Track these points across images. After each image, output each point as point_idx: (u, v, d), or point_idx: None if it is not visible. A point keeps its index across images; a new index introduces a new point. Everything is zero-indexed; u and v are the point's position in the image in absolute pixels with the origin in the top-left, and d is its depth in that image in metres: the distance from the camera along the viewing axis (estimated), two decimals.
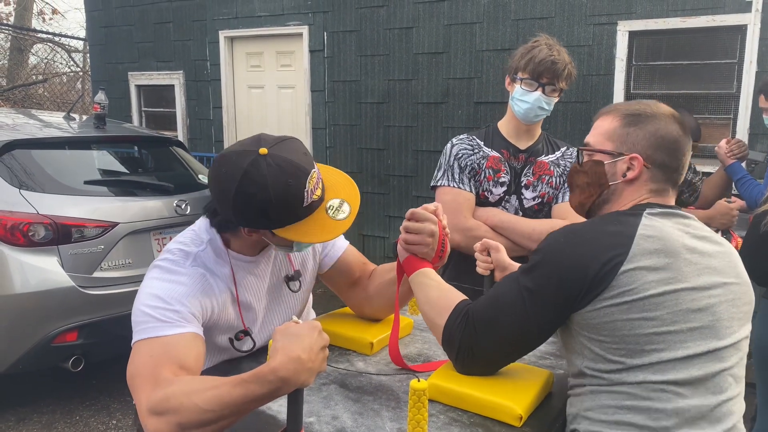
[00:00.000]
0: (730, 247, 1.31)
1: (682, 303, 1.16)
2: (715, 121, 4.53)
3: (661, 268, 1.16)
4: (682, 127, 1.31)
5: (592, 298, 1.15)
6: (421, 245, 1.46)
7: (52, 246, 3.34)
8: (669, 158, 1.28)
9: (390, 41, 5.65)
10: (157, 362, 1.22)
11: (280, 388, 1.07)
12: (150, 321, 1.29)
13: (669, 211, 1.27)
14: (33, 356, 3.31)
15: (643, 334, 1.15)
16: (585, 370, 1.21)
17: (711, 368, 1.17)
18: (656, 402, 1.14)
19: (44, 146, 3.75)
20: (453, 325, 1.29)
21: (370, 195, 5.94)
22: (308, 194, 1.32)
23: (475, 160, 2.14)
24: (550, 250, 1.22)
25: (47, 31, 12.52)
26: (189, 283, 1.37)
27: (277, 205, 1.29)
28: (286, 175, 1.29)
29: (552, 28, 4.87)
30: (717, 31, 4.40)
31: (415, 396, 1.14)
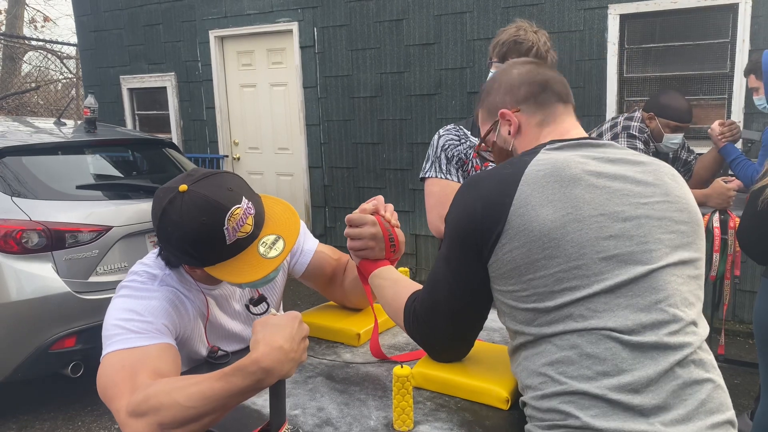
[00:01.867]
0: (659, 164, 1.19)
1: (588, 232, 1.04)
2: (710, 102, 4.51)
3: (557, 200, 1.06)
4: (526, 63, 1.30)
5: (492, 246, 1.08)
6: (366, 249, 1.44)
7: (46, 252, 3.32)
8: (527, 89, 1.24)
9: (380, 34, 5.62)
10: (133, 370, 1.18)
11: (262, 380, 1.05)
12: (123, 333, 1.25)
13: (572, 142, 1.18)
14: (32, 364, 3.30)
15: (550, 274, 1.04)
16: (510, 326, 1.13)
17: (641, 302, 1.04)
18: (585, 347, 1.02)
19: (35, 152, 3.73)
20: (409, 326, 1.27)
21: (367, 190, 5.93)
22: (230, 232, 1.25)
23: (462, 150, 2.13)
24: (450, 211, 1.17)
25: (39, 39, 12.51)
26: (161, 298, 1.34)
27: (195, 245, 1.26)
28: (201, 212, 1.24)
29: (542, 15, 4.84)
30: (709, 11, 4.37)
31: (399, 383, 1.13)
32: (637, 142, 2.88)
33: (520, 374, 1.12)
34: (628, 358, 1.01)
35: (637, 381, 1.00)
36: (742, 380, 3.64)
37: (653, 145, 2.99)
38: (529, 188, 1.07)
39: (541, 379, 1.06)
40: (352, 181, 6.03)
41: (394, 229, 1.46)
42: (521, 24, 2.09)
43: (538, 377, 1.07)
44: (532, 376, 1.08)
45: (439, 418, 1.19)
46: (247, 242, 1.29)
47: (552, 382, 1.05)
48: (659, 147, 3.00)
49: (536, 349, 1.08)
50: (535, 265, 1.05)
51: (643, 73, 4.68)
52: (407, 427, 1.14)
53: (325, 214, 6.27)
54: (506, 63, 1.36)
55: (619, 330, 1.02)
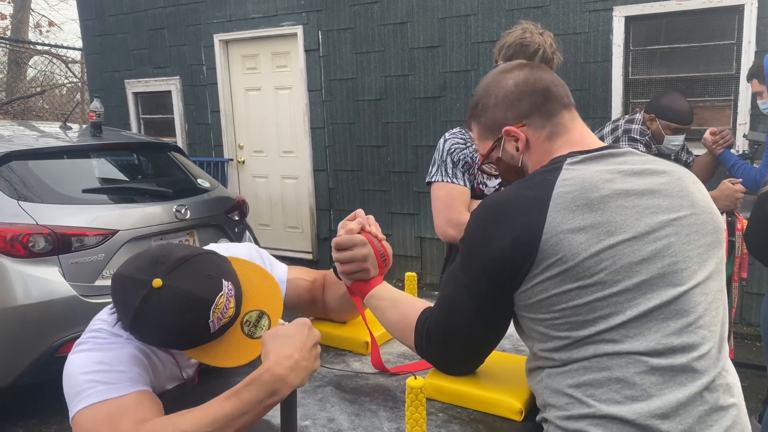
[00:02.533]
0: (681, 171, 1.17)
1: (621, 258, 1.03)
2: (716, 104, 4.49)
3: (589, 226, 1.03)
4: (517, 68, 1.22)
5: (522, 277, 1.05)
6: (360, 272, 1.37)
7: (52, 256, 3.32)
8: (529, 100, 1.18)
9: (385, 37, 5.61)
10: (113, 420, 1.08)
11: (277, 390, 1.03)
12: (94, 385, 1.13)
13: (594, 154, 1.13)
14: (38, 367, 3.30)
15: (583, 303, 1.02)
16: (537, 352, 1.11)
17: (673, 325, 1.03)
18: (615, 370, 1.01)
19: (41, 156, 3.73)
20: (421, 347, 1.25)
21: (371, 192, 5.92)
22: (215, 323, 1.18)
23: (468, 153, 2.11)
24: (469, 237, 1.14)
25: (44, 43, 12.54)
26: (129, 350, 1.22)
27: (178, 339, 1.19)
28: (183, 310, 1.15)
29: (547, 17, 4.83)
30: (714, 13, 4.35)
31: (413, 394, 1.12)
32: (638, 145, 2.87)
33: (542, 392, 1.10)
34: (657, 382, 1.01)
35: (665, 406, 1.00)
36: (750, 383, 3.62)
37: (655, 147, 2.98)
38: (559, 216, 1.04)
39: (566, 399, 1.05)
40: (357, 183, 6.02)
41: (382, 244, 1.42)
42: (527, 26, 2.07)
43: (563, 397, 1.05)
44: (556, 396, 1.07)
45: (451, 430, 1.18)
46: (230, 324, 1.22)
47: (579, 403, 1.03)
48: (660, 149, 2.99)
49: (561, 369, 1.06)
50: (568, 294, 1.03)
51: (648, 75, 4.66)
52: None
53: (330, 217, 6.26)
54: (495, 70, 1.28)
55: (650, 353, 1.02)
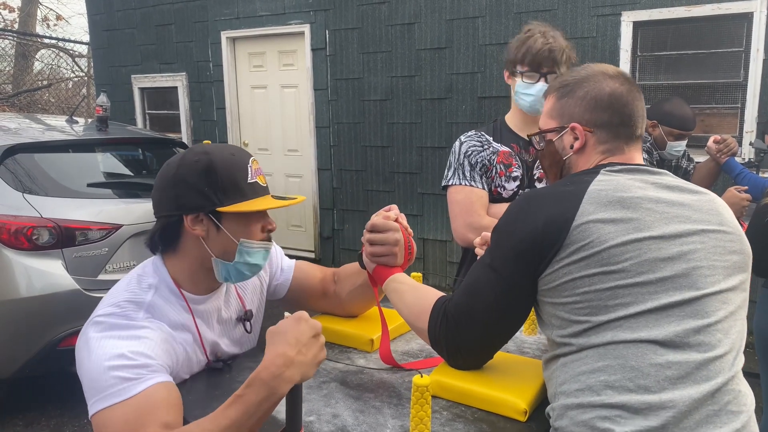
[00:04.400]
0: (714, 196, 1.23)
1: (647, 252, 1.08)
2: (723, 111, 4.48)
3: (619, 219, 1.10)
4: (620, 80, 1.26)
5: (549, 260, 1.10)
6: (389, 255, 1.45)
7: (56, 249, 3.33)
8: (610, 115, 1.24)
9: (392, 37, 5.62)
10: (137, 425, 1.09)
11: (274, 388, 1.04)
12: (117, 383, 1.14)
13: (632, 167, 1.21)
14: (40, 360, 3.30)
15: (605, 288, 1.07)
16: (556, 339, 1.14)
17: (692, 323, 1.06)
18: (630, 359, 1.04)
19: (47, 150, 3.74)
20: (435, 327, 1.26)
21: (375, 193, 5.92)
22: (252, 170, 1.34)
23: (486, 156, 2.09)
24: (504, 222, 1.19)
25: (51, 37, 12.57)
26: (152, 337, 1.24)
27: (221, 171, 1.30)
28: (229, 149, 1.35)
29: (555, 21, 4.82)
30: (723, 20, 4.34)
31: (418, 392, 1.11)
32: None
33: (555, 380, 1.13)
34: (672, 377, 1.02)
35: (677, 400, 1.01)
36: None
37: (656, 153, 2.97)
38: (591, 206, 1.10)
39: (578, 385, 1.07)
40: (361, 183, 6.02)
41: (410, 237, 1.48)
42: (542, 29, 2.05)
43: (575, 383, 1.07)
44: (569, 382, 1.09)
45: (455, 429, 1.17)
46: (262, 191, 1.36)
47: (590, 391, 1.05)
48: (663, 155, 2.99)
49: (578, 356, 1.09)
50: (592, 278, 1.07)
51: (655, 81, 4.65)
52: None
53: (333, 216, 6.26)
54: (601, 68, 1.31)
55: (667, 345, 1.04)
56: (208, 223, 1.32)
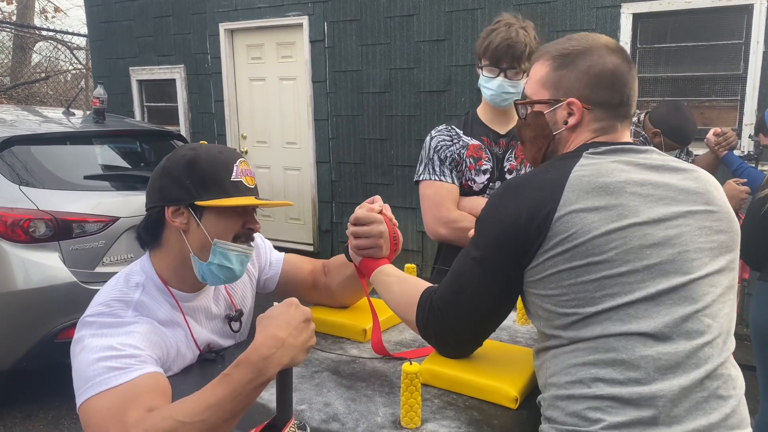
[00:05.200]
0: (701, 172, 1.18)
1: (632, 240, 1.05)
2: (722, 104, 4.47)
3: (603, 207, 1.06)
4: (621, 55, 1.19)
5: (533, 253, 1.08)
6: (373, 248, 1.44)
7: (53, 242, 3.32)
8: (610, 94, 1.18)
9: (391, 29, 5.60)
10: (121, 408, 1.08)
11: (263, 369, 1.03)
12: (103, 372, 1.14)
13: (616, 147, 1.16)
14: (37, 353, 3.30)
15: (591, 279, 1.04)
16: (546, 330, 1.12)
17: (680, 310, 1.04)
18: (621, 352, 1.03)
19: (44, 142, 3.73)
20: (423, 318, 1.25)
21: (374, 186, 5.91)
22: (238, 170, 1.35)
23: (455, 150, 2.10)
24: (486, 213, 1.16)
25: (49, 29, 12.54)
26: (141, 331, 1.24)
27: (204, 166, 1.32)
28: (218, 149, 1.37)
29: (554, 13, 4.81)
30: (722, 12, 4.32)
31: (408, 379, 1.11)
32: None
33: (546, 370, 1.11)
34: (662, 367, 1.02)
35: (667, 389, 1.01)
36: (749, 384, 3.61)
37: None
38: (573, 195, 1.07)
39: (569, 377, 1.06)
40: (360, 176, 6.01)
41: (395, 228, 1.48)
42: (509, 20, 2.03)
43: (565, 375, 1.06)
44: (559, 374, 1.08)
45: (446, 416, 1.17)
46: (246, 191, 1.36)
47: (580, 384, 1.04)
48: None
49: (568, 348, 1.07)
50: (577, 270, 1.05)
51: (655, 73, 4.64)
52: (415, 424, 1.12)
53: (332, 209, 6.26)
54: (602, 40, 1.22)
55: (656, 336, 1.03)
56: (188, 216, 1.33)
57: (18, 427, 3.40)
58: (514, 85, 2.01)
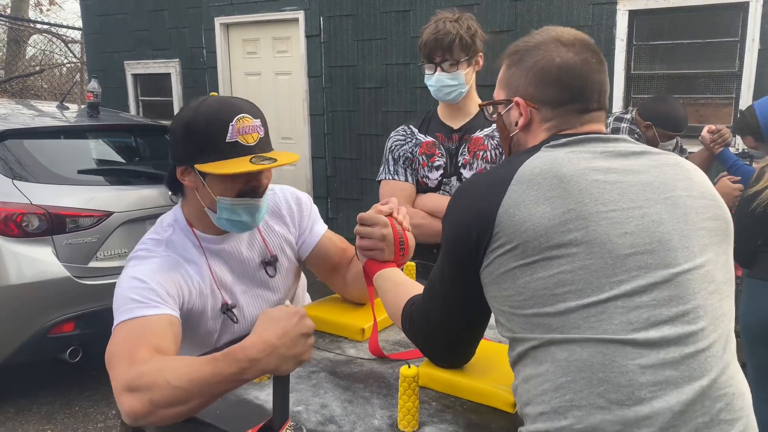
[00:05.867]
0: (680, 159, 1.06)
1: (595, 229, 0.91)
2: (717, 101, 4.47)
3: (555, 197, 0.93)
4: (575, 48, 1.07)
5: (483, 252, 0.98)
6: (375, 250, 1.42)
7: (46, 236, 3.30)
8: (557, 91, 1.06)
9: (387, 25, 5.57)
10: (135, 343, 1.21)
11: (246, 369, 1.04)
12: (128, 303, 1.28)
13: (578, 137, 1.03)
14: (30, 348, 3.29)
15: (549, 275, 0.91)
16: (508, 336, 1.01)
17: (665, 311, 0.89)
18: (597, 370, 0.87)
19: (37, 136, 3.71)
20: (406, 330, 1.23)
21: (369, 182, 5.89)
22: (233, 129, 1.33)
23: (407, 149, 2.13)
24: (443, 218, 1.10)
25: (44, 22, 12.44)
26: (166, 264, 1.38)
27: (199, 128, 1.34)
28: (217, 105, 1.36)
29: (550, 9, 4.80)
30: (718, 9, 4.32)
31: (406, 383, 1.11)
32: None
33: (520, 396, 0.99)
34: (647, 384, 0.86)
35: (656, 414, 0.85)
36: None
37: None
38: (521, 187, 0.96)
39: (542, 407, 0.92)
40: (355, 172, 6.00)
41: (405, 233, 1.44)
42: (441, 15, 2.04)
43: (539, 404, 0.92)
44: (533, 403, 0.94)
45: (444, 420, 1.17)
46: (243, 151, 1.35)
47: (555, 414, 0.90)
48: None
49: (539, 369, 0.93)
50: (531, 267, 0.93)
51: (650, 71, 4.63)
52: (412, 428, 1.12)
53: (327, 204, 6.24)
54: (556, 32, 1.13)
55: (638, 344, 0.88)
56: (195, 175, 1.40)
57: (11, 421, 3.38)
58: (454, 77, 2.02)
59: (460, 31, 1.98)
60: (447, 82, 2.02)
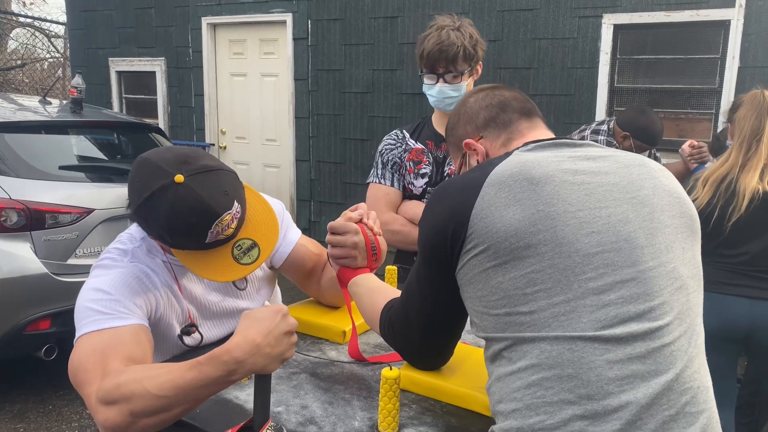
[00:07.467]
0: (646, 159, 1.09)
1: (564, 229, 0.94)
2: (697, 116, 4.55)
3: (525, 198, 0.97)
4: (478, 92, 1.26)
5: (457, 254, 1.01)
6: (347, 258, 1.41)
7: (24, 232, 3.26)
8: (485, 113, 1.21)
9: (375, 30, 5.60)
10: (104, 354, 1.16)
11: (233, 371, 1.03)
12: (92, 314, 1.23)
13: (547, 142, 1.10)
14: (4, 344, 3.24)
15: (521, 275, 0.94)
16: (482, 335, 1.03)
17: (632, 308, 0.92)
18: (567, 367, 0.90)
19: (18, 130, 3.66)
20: (384, 334, 1.25)
21: (353, 186, 5.90)
22: (213, 234, 1.25)
23: (396, 154, 2.13)
24: (419, 221, 1.12)
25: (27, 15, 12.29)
26: (130, 275, 1.31)
27: (174, 236, 1.25)
28: (191, 213, 1.21)
29: (537, 20, 4.85)
30: (701, 26, 4.41)
31: (387, 385, 1.11)
32: None
33: (493, 395, 1.01)
34: (615, 378, 0.90)
35: (624, 406, 0.89)
36: None
37: None
38: (492, 189, 0.99)
39: (514, 405, 0.94)
40: (339, 176, 6.00)
41: (376, 238, 1.45)
42: (441, 22, 2.00)
43: (512, 402, 0.95)
44: (505, 401, 0.97)
45: (424, 422, 1.18)
46: (224, 242, 1.29)
47: (528, 411, 0.92)
48: None
49: (511, 367, 0.96)
50: (503, 267, 0.96)
51: (633, 84, 4.70)
52: (392, 429, 1.12)
53: (311, 208, 6.24)
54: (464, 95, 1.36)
55: (606, 340, 0.90)
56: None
57: None
58: (456, 89, 2.00)
59: (464, 42, 1.95)
60: (450, 93, 2.00)
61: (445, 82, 1.99)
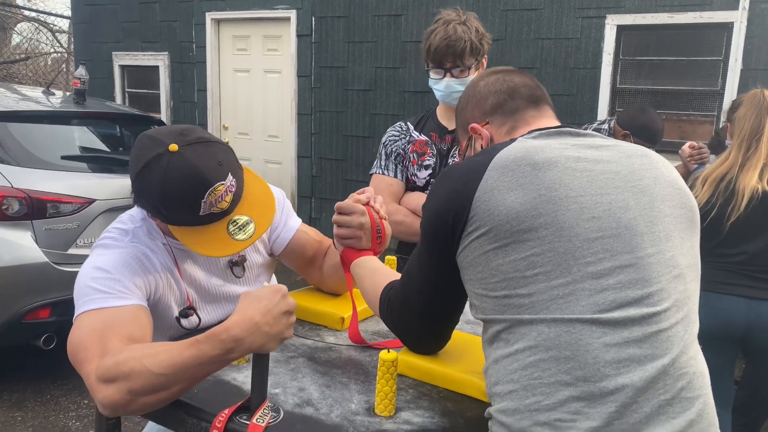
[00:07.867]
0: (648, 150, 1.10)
1: (565, 213, 0.95)
2: (699, 118, 4.55)
3: (528, 182, 0.98)
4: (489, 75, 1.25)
5: (458, 236, 1.02)
6: (352, 238, 1.43)
7: (26, 221, 3.27)
8: (493, 99, 1.21)
9: (378, 28, 5.60)
10: (103, 333, 1.16)
11: (232, 349, 1.04)
12: (92, 293, 1.23)
13: (552, 130, 1.11)
14: (3, 332, 3.25)
15: (521, 258, 0.95)
16: (480, 317, 1.04)
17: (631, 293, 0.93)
18: (564, 349, 0.91)
19: (21, 119, 3.67)
20: (383, 315, 1.26)
21: (355, 183, 5.91)
22: (206, 205, 1.25)
23: (400, 145, 2.14)
24: (423, 204, 1.14)
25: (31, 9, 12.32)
26: (130, 255, 1.32)
27: (168, 205, 1.26)
28: (184, 180, 1.22)
29: (541, 20, 4.86)
30: (704, 28, 4.41)
31: (384, 367, 1.12)
32: None
33: (490, 377, 1.02)
34: (611, 361, 0.90)
35: (620, 389, 0.89)
36: None
37: None
38: (496, 173, 1.01)
39: (511, 386, 0.95)
40: (341, 173, 6.01)
41: (382, 222, 1.46)
42: (446, 16, 2.00)
43: (509, 384, 0.96)
44: (502, 383, 0.97)
45: (421, 406, 1.18)
46: (219, 217, 1.29)
47: (524, 392, 0.93)
48: None
49: (509, 349, 0.97)
50: (504, 249, 0.97)
51: (635, 85, 4.71)
52: (389, 412, 1.13)
53: (311, 204, 6.24)
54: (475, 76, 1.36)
55: (603, 323, 0.91)
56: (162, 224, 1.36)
57: None
58: (463, 83, 2.00)
59: (471, 36, 1.96)
60: (457, 88, 2.00)
61: (453, 76, 2.00)
